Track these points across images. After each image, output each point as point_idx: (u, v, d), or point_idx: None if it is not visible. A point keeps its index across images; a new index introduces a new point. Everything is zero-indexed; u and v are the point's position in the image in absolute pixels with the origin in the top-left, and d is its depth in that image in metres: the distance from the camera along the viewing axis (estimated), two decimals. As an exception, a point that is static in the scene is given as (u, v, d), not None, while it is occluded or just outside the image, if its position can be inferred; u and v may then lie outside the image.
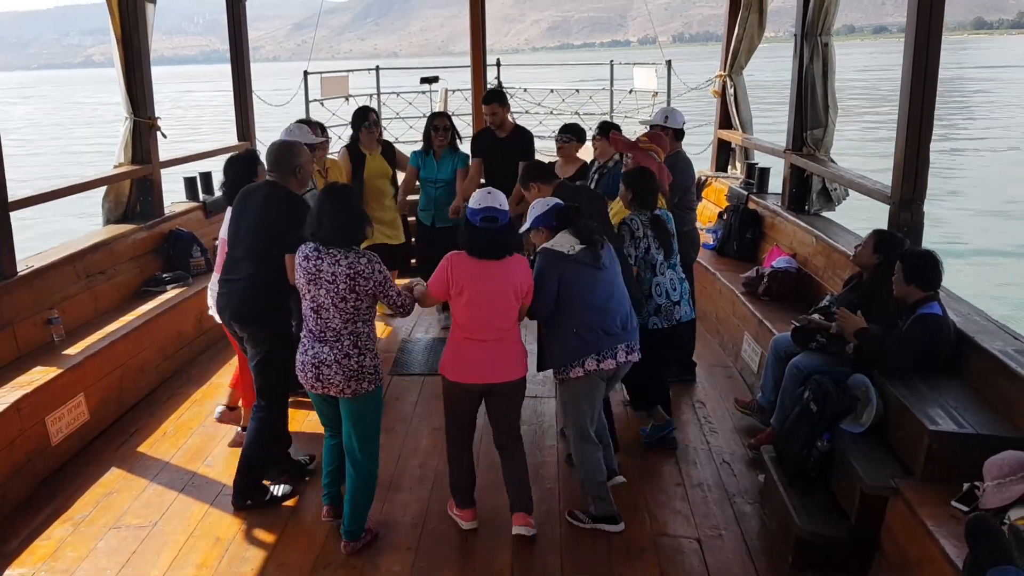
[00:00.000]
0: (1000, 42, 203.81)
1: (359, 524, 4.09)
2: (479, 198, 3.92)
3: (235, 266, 4.42)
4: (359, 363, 3.88)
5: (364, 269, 3.80)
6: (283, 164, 4.40)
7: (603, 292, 4.16)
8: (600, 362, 4.11)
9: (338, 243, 3.82)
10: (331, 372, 3.87)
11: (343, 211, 3.82)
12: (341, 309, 3.82)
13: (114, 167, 7.08)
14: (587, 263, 4.10)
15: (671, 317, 4.92)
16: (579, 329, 4.09)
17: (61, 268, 5.86)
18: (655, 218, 4.90)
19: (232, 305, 4.42)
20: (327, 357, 3.87)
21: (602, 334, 4.12)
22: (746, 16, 8.55)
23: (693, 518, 4.38)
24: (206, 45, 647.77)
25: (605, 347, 4.12)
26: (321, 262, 3.80)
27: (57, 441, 4.93)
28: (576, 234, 4.11)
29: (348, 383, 3.88)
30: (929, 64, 4.94)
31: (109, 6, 6.69)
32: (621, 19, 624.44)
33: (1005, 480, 3.29)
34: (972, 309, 4.67)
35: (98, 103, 63.09)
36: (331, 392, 3.93)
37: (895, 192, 5.23)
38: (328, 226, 3.79)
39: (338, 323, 3.86)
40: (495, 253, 3.90)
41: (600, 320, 4.13)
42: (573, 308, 4.09)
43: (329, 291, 3.80)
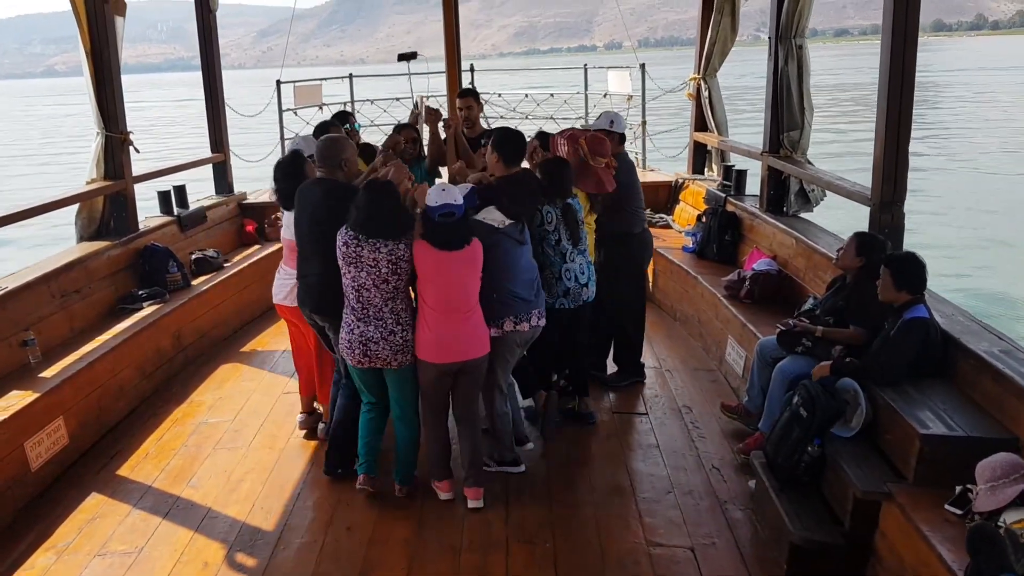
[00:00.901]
0: (960, 44, 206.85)
1: (410, 470, 4.64)
2: (435, 195, 4.23)
3: (306, 263, 4.71)
4: (403, 338, 4.31)
5: (404, 254, 4.24)
6: (330, 159, 4.66)
7: (523, 263, 4.63)
8: (516, 324, 4.57)
9: (379, 235, 4.20)
10: (379, 348, 4.28)
11: (386, 207, 4.20)
12: (382, 290, 4.24)
13: (86, 183, 6.95)
14: (514, 237, 4.56)
15: (578, 299, 5.11)
16: (499, 294, 4.50)
17: (35, 288, 5.74)
18: (567, 207, 5.04)
19: (312, 299, 4.71)
20: (374, 335, 4.28)
21: (520, 301, 4.57)
22: (719, 20, 8.59)
23: (686, 526, 4.36)
24: (171, 53, 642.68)
25: (521, 311, 4.58)
26: (361, 249, 4.20)
27: (37, 466, 4.82)
28: (503, 210, 4.54)
29: (395, 356, 4.31)
30: (906, 67, 4.98)
31: (78, 19, 6.56)
32: (587, 24, 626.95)
33: (998, 483, 3.31)
34: (956, 310, 4.69)
35: (64, 114, 62.39)
36: (378, 365, 4.34)
37: (875, 194, 5.26)
38: (371, 219, 4.18)
39: (379, 301, 4.26)
40: (456, 244, 4.25)
41: (518, 288, 4.57)
42: (497, 276, 4.47)
43: (371, 273, 4.21)
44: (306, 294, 4.74)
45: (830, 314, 4.80)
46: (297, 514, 4.57)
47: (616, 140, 5.75)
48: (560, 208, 5.00)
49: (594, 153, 5.29)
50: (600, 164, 5.31)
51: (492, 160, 4.94)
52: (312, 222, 4.61)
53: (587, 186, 5.32)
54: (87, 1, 6.54)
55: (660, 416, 5.65)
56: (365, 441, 4.64)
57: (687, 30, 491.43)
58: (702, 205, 8.26)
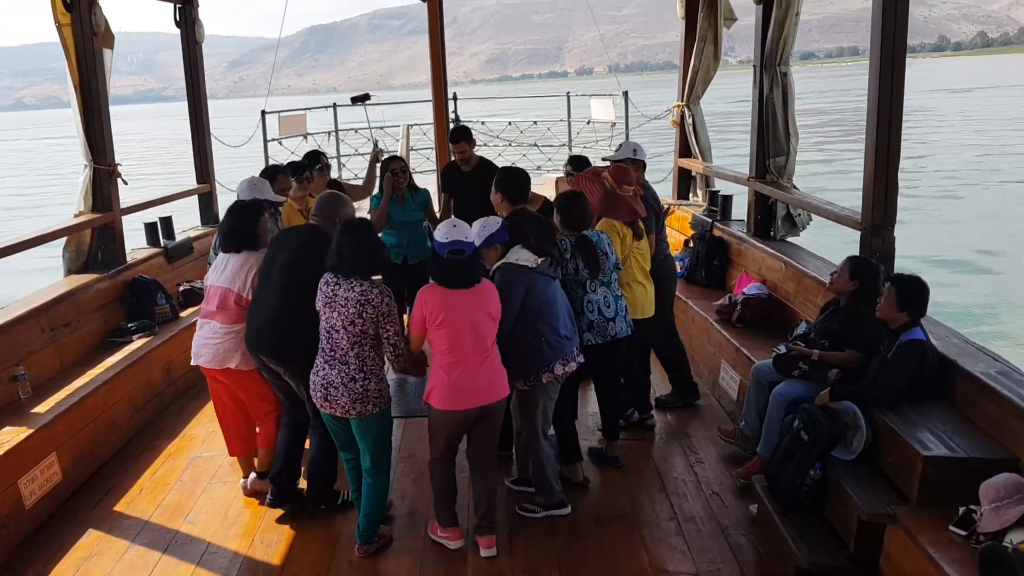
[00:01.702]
0: (924, 65, 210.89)
1: (373, 529, 4.39)
2: (445, 231, 4.08)
3: (263, 306, 4.58)
4: (364, 386, 4.14)
5: (374, 298, 4.09)
6: (329, 212, 4.65)
7: (560, 301, 4.55)
8: (564, 365, 4.47)
9: (356, 274, 4.11)
10: (338, 394, 4.13)
11: (360, 245, 4.13)
12: (350, 332, 4.09)
13: (74, 215, 6.91)
14: (549, 275, 4.46)
15: (604, 333, 4.99)
16: (548, 336, 4.40)
17: (25, 323, 5.68)
18: (581, 238, 4.99)
19: (264, 341, 4.55)
20: (335, 379, 4.14)
21: (564, 339, 4.48)
22: (701, 47, 8.71)
23: (690, 552, 4.36)
24: (141, 84, 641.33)
25: (567, 351, 4.49)
26: (338, 288, 4.11)
27: (31, 504, 4.75)
28: (532, 249, 4.40)
29: (353, 405, 4.14)
30: (895, 91, 5.05)
31: (67, 51, 6.53)
32: (557, 51, 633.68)
33: (1002, 503, 3.35)
34: (950, 332, 4.75)
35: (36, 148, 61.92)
36: (337, 412, 4.20)
37: (865, 218, 5.32)
38: (347, 258, 4.09)
39: (345, 345, 4.12)
40: (465, 283, 4.10)
41: (562, 327, 4.48)
42: (541, 317, 4.38)
43: (341, 314, 4.08)
44: (258, 336, 4.56)
45: (825, 337, 4.85)
46: (298, 547, 4.53)
47: (639, 168, 5.84)
48: (574, 239, 4.96)
49: (620, 183, 5.36)
50: (628, 193, 5.37)
51: (496, 200, 4.96)
52: (291, 265, 4.52)
53: (621, 215, 5.34)
54: (76, 33, 6.53)
55: (657, 442, 5.67)
56: (354, 488, 4.58)
57: (656, 55, 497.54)
58: (688, 230, 8.33)
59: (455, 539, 4.38)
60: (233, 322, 4.75)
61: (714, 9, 8.56)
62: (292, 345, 4.45)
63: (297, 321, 4.37)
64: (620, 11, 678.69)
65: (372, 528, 4.39)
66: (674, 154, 9.66)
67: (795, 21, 6.81)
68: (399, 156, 7.10)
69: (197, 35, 8.71)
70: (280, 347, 4.50)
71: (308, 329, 4.33)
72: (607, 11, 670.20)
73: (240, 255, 4.82)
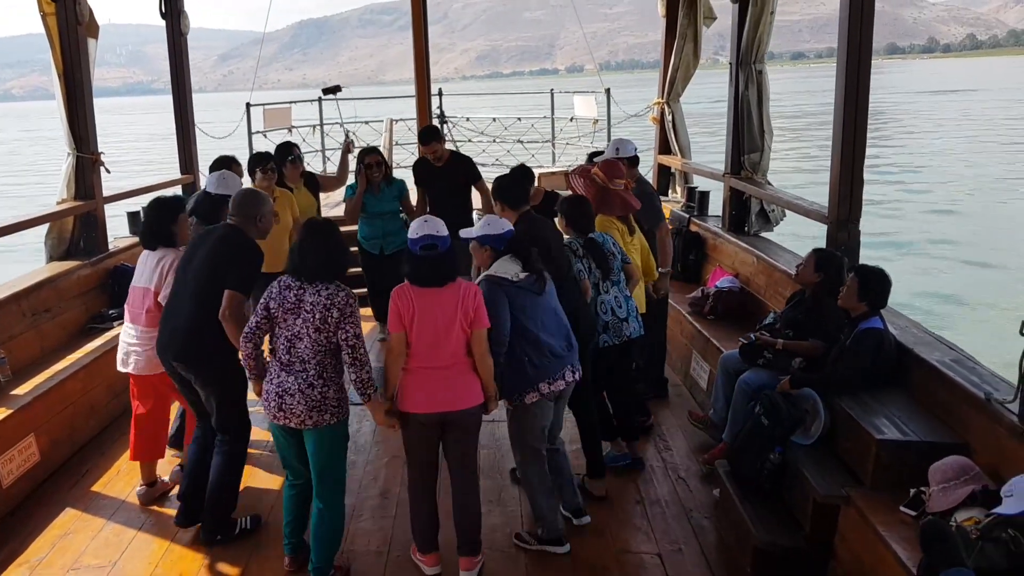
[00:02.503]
0: (914, 66, 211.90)
1: (327, 562, 4.03)
2: (417, 227, 3.93)
3: (176, 308, 4.37)
4: (322, 393, 3.86)
5: (339, 300, 3.84)
6: (246, 211, 4.41)
7: (548, 315, 4.26)
8: (551, 384, 4.20)
9: (322, 277, 3.88)
10: (294, 401, 3.84)
11: (326, 247, 3.90)
12: (315, 340, 3.84)
13: (57, 203, 6.98)
14: (531, 290, 4.19)
15: (620, 333, 4.96)
16: (531, 355, 4.16)
17: (6, 307, 5.76)
18: (589, 241, 4.98)
19: (175, 345, 4.34)
20: (291, 386, 3.86)
21: (552, 357, 4.21)
22: (682, 45, 8.83)
23: (653, 534, 4.49)
24: (129, 77, 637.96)
25: (556, 369, 4.22)
26: (303, 293, 3.86)
27: (8, 483, 4.82)
28: (519, 259, 4.20)
29: (310, 414, 3.85)
30: (860, 91, 5.18)
31: (51, 41, 6.61)
32: (549, 48, 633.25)
33: (949, 484, 3.48)
34: (909, 322, 4.89)
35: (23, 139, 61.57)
36: (292, 423, 3.89)
37: (832, 212, 5.45)
38: (312, 261, 3.86)
39: (308, 353, 3.86)
40: (437, 280, 3.91)
41: (549, 343, 4.22)
42: (524, 334, 4.15)
43: (307, 320, 3.83)
44: (170, 340, 4.35)
45: (789, 327, 4.97)
46: (275, 521, 4.60)
47: (627, 164, 5.86)
48: (583, 241, 4.96)
49: (611, 177, 5.39)
50: (620, 187, 5.39)
51: (498, 211, 4.85)
52: (208, 266, 4.28)
53: (614, 210, 5.35)
54: (60, 23, 6.60)
55: (626, 428, 5.77)
56: (289, 519, 4.18)
57: (647, 53, 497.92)
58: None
59: (432, 565, 4.18)
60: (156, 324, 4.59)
61: (694, 8, 8.68)
62: (206, 351, 4.28)
63: (213, 327, 4.20)
64: (612, 9, 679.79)
65: (326, 561, 4.02)
66: (654, 151, 9.77)
67: (770, 20, 6.91)
68: (375, 148, 7.17)
69: (182, 27, 8.76)
70: (193, 353, 4.30)
71: (224, 335, 4.21)
72: (599, 8, 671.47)
73: (156, 253, 4.74)
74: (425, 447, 4.07)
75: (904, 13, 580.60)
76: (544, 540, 4.35)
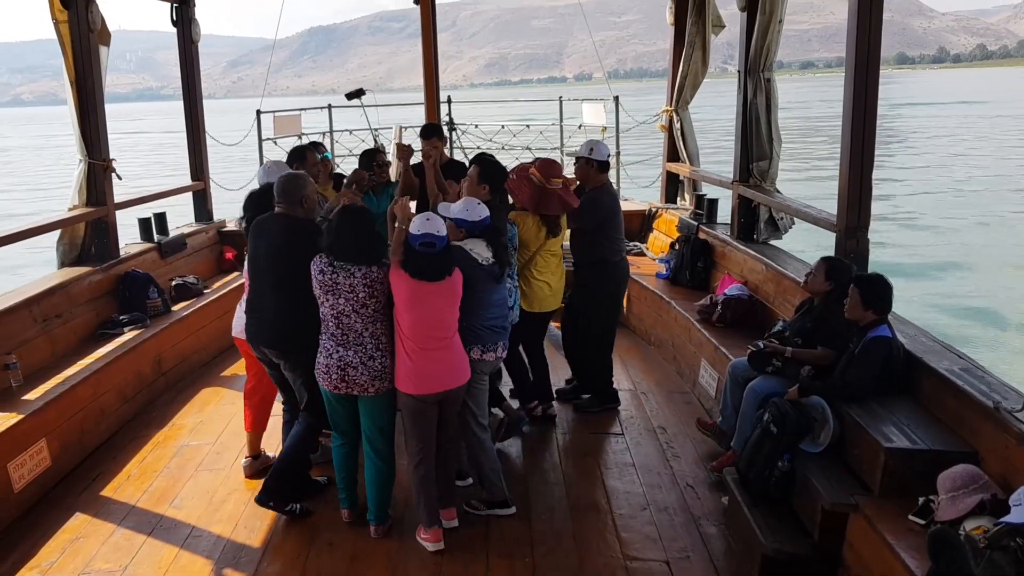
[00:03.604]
0: (923, 76, 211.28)
1: (384, 509, 4.54)
2: (419, 224, 4.15)
3: (260, 297, 4.64)
4: (382, 364, 4.27)
5: (380, 277, 4.21)
6: (290, 195, 4.61)
7: (497, 298, 4.69)
8: (483, 353, 4.59)
9: (352, 260, 4.19)
10: (357, 373, 4.24)
11: (361, 233, 4.22)
12: (362, 315, 4.22)
13: (68, 209, 7.03)
14: (492, 275, 4.56)
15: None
16: (468, 324, 4.48)
17: (17, 312, 5.80)
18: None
19: (265, 334, 4.64)
20: (353, 359, 4.24)
21: (488, 331, 4.61)
22: (690, 53, 8.84)
23: (661, 541, 4.49)
24: (139, 83, 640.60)
25: (488, 341, 4.62)
26: (337, 275, 4.18)
27: (20, 488, 4.85)
28: (491, 246, 4.56)
29: (372, 382, 4.26)
30: (868, 99, 5.21)
31: (63, 48, 6.67)
32: (557, 56, 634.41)
33: (958, 493, 3.48)
34: (918, 331, 4.89)
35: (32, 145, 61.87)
36: (355, 391, 4.29)
37: (840, 220, 5.47)
38: (346, 244, 4.19)
39: (359, 327, 4.24)
40: (435, 276, 4.17)
41: (489, 319, 4.61)
42: (469, 308, 4.44)
43: (349, 300, 4.19)
44: (259, 329, 4.67)
45: (799, 335, 4.97)
46: (280, 531, 4.64)
47: (596, 168, 5.88)
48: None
49: (548, 176, 5.41)
50: (557, 186, 5.42)
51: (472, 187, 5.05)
52: (269, 256, 4.58)
53: (552, 208, 5.43)
54: (73, 30, 6.66)
55: (635, 436, 5.78)
56: (343, 475, 4.61)
57: (655, 62, 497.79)
58: (675, 233, 8.45)
59: (436, 540, 4.38)
60: None
61: (702, 16, 8.69)
62: (294, 336, 4.54)
63: (296, 312, 4.46)
64: (620, 17, 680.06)
65: (384, 507, 4.54)
66: (662, 158, 9.79)
67: (778, 28, 6.93)
68: (380, 150, 7.20)
69: (193, 34, 8.84)
70: (282, 339, 4.59)
71: (308, 318, 4.41)
72: (607, 17, 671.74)
73: None
74: (426, 425, 4.38)
75: (913, 23, 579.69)
76: (492, 503, 4.73)
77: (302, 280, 4.34)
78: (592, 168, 5.87)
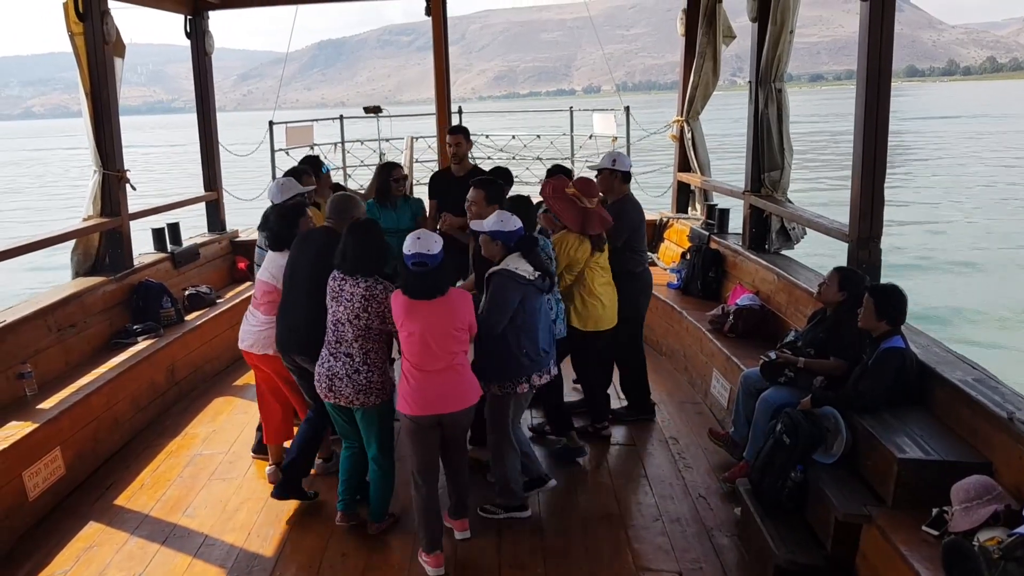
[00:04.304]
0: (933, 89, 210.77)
1: (381, 510, 4.66)
2: (410, 243, 4.17)
3: (294, 306, 4.79)
4: (367, 378, 4.33)
5: (379, 294, 4.29)
6: (343, 213, 4.86)
7: (545, 317, 4.68)
8: (540, 378, 4.62)
9: (361, 272, 4.32)
10: (342, 385, 4.33)
11: (365, 245, 4.34)
12: (355, 325, 4.29)
13: (83, 219, 7.09)
14: (542, 288, 4.54)
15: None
16: (529, 349, 4.51)
17: (32, 322, 5.85)
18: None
19: (297, 340, 4.75)
20: (339, 371, 4.34)
21: (543, 354, 4.62)
22: (701, 64, 8.88)
23: (673, 552, 4.48)
24: (150, 96, 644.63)
25: (544, 365, 4.64)
26: (344, 283, 4.33)
27: (34, 496, 4.88)
28: (531, 261, 4.48)
29: (357, 396, 4.34)
30: (880, 111, 5.22)
31: (79, 60, 6.74)
32: (566, 69, 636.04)
33: (972, 504, 3.46)
34: (931, 341, 4.87)
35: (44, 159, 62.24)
36: (342, 402, 4.39)
37: (852, 230, 5.47)
38: (351, 257, 4.31)
39: (350, 337, 4.32)
40: (427, 294, 4.16)
41: (543, 341, 4.61)
42: (525, 329, 4.47)
43: (347, 308, 4.30)
44: (290, 335, 4.78)
45: (811, 346, 4.96)
46: (293, 540, 4.66)
47: (619, 179, 5.89)
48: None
49: (587, 195, 5.39)
50: (595, 204, 5.41)
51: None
52: (314, 267, 4.67)
53: (595, 227, 5.38)
54: (88, 42, 6.73)
55: (648, 447, 5.78)
56: (343, 479, 4.71)
57: (664, 74, 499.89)
58: (686, 243, 8.46)
59: (436, 565, 4.28)
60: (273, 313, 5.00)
61: (713, 27, 8.73)
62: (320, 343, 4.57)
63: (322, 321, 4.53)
64: (629, 30, 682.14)
65: (382, 509, 4.66)
66: (673, 168, 9.81)
67: (789, 39, 6.95)
68: (399, 164, 7.21)
69: (207, 47, 8.91)
70: (312, 346, 4.59)
71: None
72: (616, 30, 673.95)
73: (282, 253, 5.03)
74: (425, 447, 4.31)
75: (923, 36, 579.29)
76: (510, 507, 4.77)
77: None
78: (616, 179, 5.89)
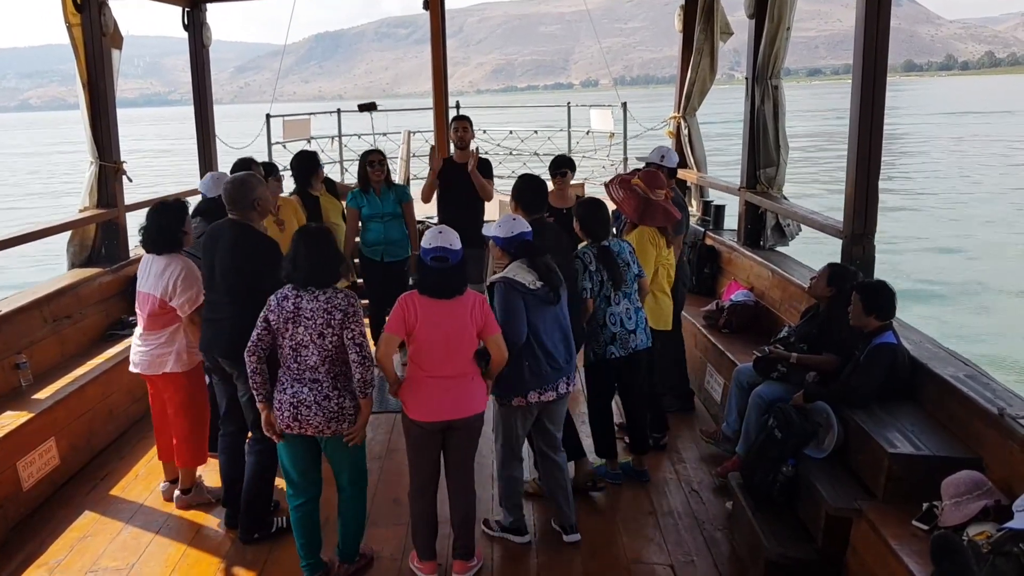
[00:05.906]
0: (931, 84, 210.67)
1: (353, 548, 4.21)
2: (430, 237, 3.94)
3: (217, 307, 4.48)
4: (339, 404, 3.89)
5: (340, 303, 3.85)
6: (240, 201, 4.44)
7: (555, 327, 4.33)
8: (541, 395, 4.29)
9: (315, 284, 3.87)
10: (310, 413, 3.86)
11: (318, 253, 3.88)
12: (320, 346, 3.84)
13: (79, 211, 7.09)
14: (545, 299, 4.25)
15: (627, 346, 4.96)
16: (531, 363, 4.23)
17: (28, 313, 5.85)
18: (603, 249, 4.92)
19: (222, 344, 4.42)
20: (306, 398, 3.87)
21: (549, 369, 4.29)
22: (698, 60, 8.88)
23: (665, 545, 4.51)
24: (147, 88, 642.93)
25: (550, 381, 4.30)
26: (300, 300, 3.85)
27: (28, 486, 4.90)
28: (534, 269, 4.24)
29: (328, 424, 3.89)
30: (876, 106, 5.22)
31: (76, 51, 6.74)
32: (564, 63, 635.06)
33: (962, 499, 3.49)
34: (924, 337, 4.91)
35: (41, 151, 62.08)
36: (308, 432, 3.91)
37: (847, 227, 5.48)
38: (304, 268, 3.85)
39: (316, 361, 3.86)
40: (446, 293, 3.93)
41: (550, 355, 4.30)
42: (529, 342, 4.21)
43: (308, 328, 3.83)
44: (215, 337, 4.46)
45: (804, 341, 4.99)
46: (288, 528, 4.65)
47: (666, 174, 5.86)
48: (596, 250, 4.92)
49: (652, 187, 5.36)
50: (661, 197, 5.37)
51: (511, 209, 4.89)
52: (227, 265, 4.39)
53: (656, 220, 5.34)
54: (85, 33, 6.73)
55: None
56: (302, 543, 4.14)
57: (661, 68, 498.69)
58: (681, 239, 8.47)
59: (428, 572, 4.19)
60: (161, 327, 4.76)
61: (711, 23, 8.73)
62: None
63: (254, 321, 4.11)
64: (627, 24, 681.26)
65: (353, 546, 4.23)
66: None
67: (786, 35, 6.95)
68: (378, 149, 7.27)
69: (204, 39, 8.88)
70: (239, 349, 4.14)
71: None
72: (614, 24, 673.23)
73: (162, 258, 4.73)
74: (428, 454, 4.12)
75: (921, 30, 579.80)
76: (506, 529, 4.52)
77: (260, 293, 4.06)
78: (664, 174, 5.85)
